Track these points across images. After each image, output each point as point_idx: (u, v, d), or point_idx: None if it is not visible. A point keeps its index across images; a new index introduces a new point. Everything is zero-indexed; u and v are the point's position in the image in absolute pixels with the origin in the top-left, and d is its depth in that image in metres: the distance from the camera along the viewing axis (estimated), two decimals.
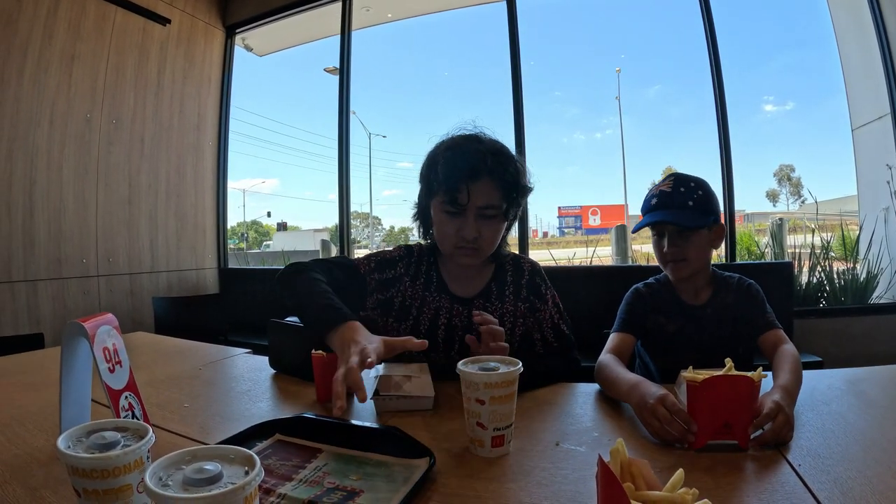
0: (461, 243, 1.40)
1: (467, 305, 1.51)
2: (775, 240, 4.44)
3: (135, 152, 4.13)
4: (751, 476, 0.89)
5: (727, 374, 0.98)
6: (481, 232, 1.39)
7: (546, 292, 1.56)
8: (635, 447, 1.01)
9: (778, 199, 17.13)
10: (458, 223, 1.39)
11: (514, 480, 0.88)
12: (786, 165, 16.42)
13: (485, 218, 1.39)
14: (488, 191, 1.37)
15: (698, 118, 5.11)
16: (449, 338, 1.50)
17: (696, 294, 1.62)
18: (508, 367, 1.00)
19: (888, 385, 1.38)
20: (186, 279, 4.55)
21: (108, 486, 0.66)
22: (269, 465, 0.91)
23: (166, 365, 1.71)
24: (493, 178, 1.37)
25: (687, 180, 1.57)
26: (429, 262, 1.57)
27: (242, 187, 14.34)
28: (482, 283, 1.55)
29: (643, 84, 27.34)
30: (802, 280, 4.02)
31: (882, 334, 3.65)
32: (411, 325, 1.51)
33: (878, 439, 1.01)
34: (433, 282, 1.54)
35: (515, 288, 1.55)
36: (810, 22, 5.10)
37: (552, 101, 27.83)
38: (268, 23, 4.95)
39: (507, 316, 1.52)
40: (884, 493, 0.79)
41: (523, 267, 1.58)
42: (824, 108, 17.50)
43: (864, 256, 4.01)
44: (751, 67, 19.50)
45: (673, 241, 1.55)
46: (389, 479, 0.87)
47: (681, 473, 0.63)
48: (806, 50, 18.60)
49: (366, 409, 1.25)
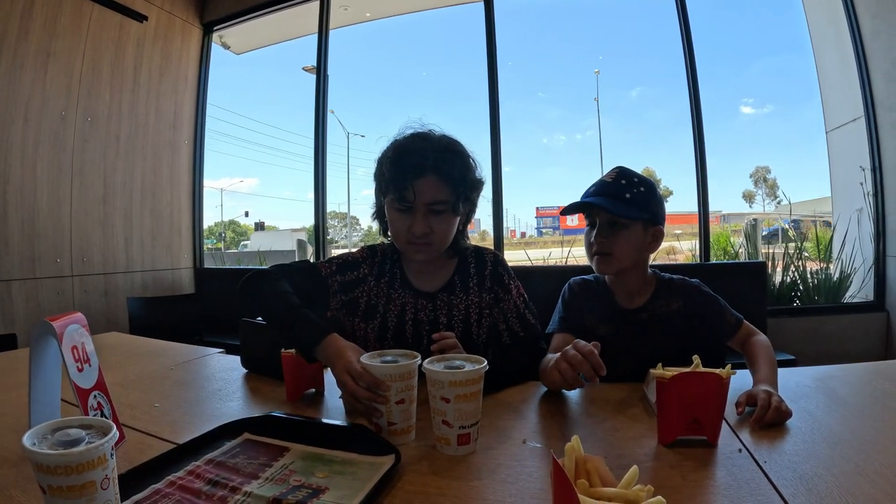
0: (413, 239, 1.42)
1: (432, 300, 1.53)
2: (749, 240, 4.50)
3: (110, 150, 4.07)
4: (717, 473, 0.90)
5: (696, 371, 0.99)
6: (432, 227, 1.41)
7: (510, 283, 1.57)
8: (602, 445, 1.02)
9: (754, 200, 17.35)
10: (409, 220, 1.40)
11: (479, 478, 0.89)
12: (762, 167, 16.64)
13: (434, 213, 1.40)
14: (435, 187, 1.38)
15: (678, 120, 5.20)
16: (417, 333, 1.51)
17: (630, 297, 1.56)
18: (474, 365, 1.00)
19: (858, 383, 1.40)
20: (162, 279, 4.50)
21: (71, 483, 0.66)
22: (235, 464, 0.92)
23: (138, 365, 1.70)
24: (438, 175, 1.38)
25: (631, 175, 1.51)
26: (392, 259, 1.58)
27: (221, 186, 14.20)
28: (445, 276, 1.56)
29: (624, 86, 27.52)
30: (776, 280, 4.09)
31: (855, 333, 3.72)
32: (379, 322, 1.52)
33: (845, 436, 1.02)
34: (397, 279, 1.56)
35: (479, 279, 1.56)
36: (789, 27, 5.19)
37: (535, 102, 27.93)
38: (245, 20, 4.92)
39: (473, 307, 1.53)
40: (849, 490, 0.80)
41: (486, 258, 1.59)
42: (801, 112, 17.80)
43: (837, 256, 4.07)
44: (731, 71, 19.75)
45: (602, 233, 1.48)
46: (354, 477, 0.87)
47: (635, 470, 0.64)
48: (785, 54, 18.87)
49: (336, 409, 1.26)
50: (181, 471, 0.88)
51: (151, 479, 0.85)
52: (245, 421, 1.07)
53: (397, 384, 1.02)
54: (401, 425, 1.04)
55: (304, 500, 0.79)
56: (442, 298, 1.53)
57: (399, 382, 1.02)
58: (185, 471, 0.88)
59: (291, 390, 1.32)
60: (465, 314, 1.52)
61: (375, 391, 1.02)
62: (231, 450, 0.98)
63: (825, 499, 0.78)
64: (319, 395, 1.37)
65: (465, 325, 1.52)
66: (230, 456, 0.95)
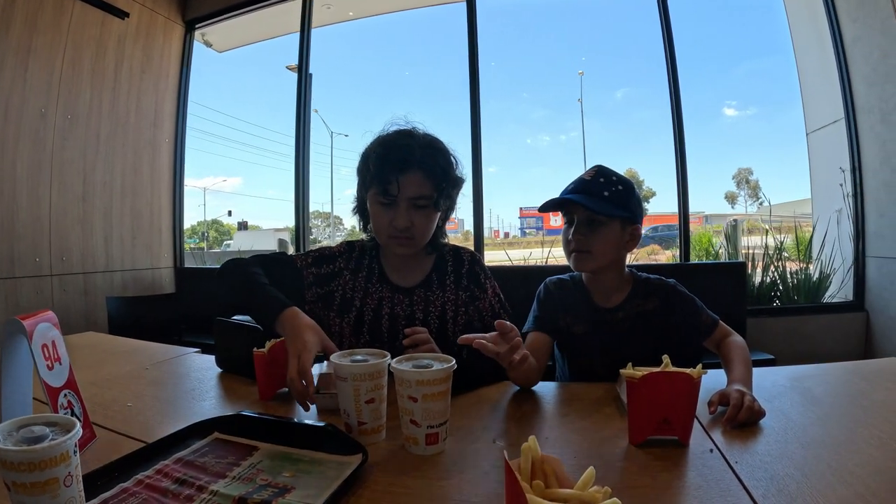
0: (395, 233, 1.44)
1: (409, 295, 1.55)
2: (729, 241, 4.54)
3: (90, 149, 4.02)
4: (688, 473, 0.90)
5: (666, 371, 0.99)
6: (414, 221, 1.43)
7: (485, 282, 1.59)
8: (573, 445, 1.03)
9: (736, 201, 17.48)
10: (392, 214, 1.43)
11: (446, 478, 0.89)
12: (744, 168, 16.78)
13: (417, 208, 1.43)
14: (418, 182, 1.42)
15: (662, 122, 5.20)
16: (393, 327, 1.53)
17: (607, 296, 1.55)
18: (441, 364, 1.00)
19: (834, 383, 1.41)
20: (141, 278, 4.45)
21: (34, 479, 0.66)
22: (204, 463, 0.91)
23: (113, 364, 1.68)
24: (422, 170, 1.42)
25: (610, 174, 1.51)
26: (371, 255, 1.61)
27: (204, 185, 14.09)
28: (423, 273, 1.59)
29: (609, 87, 27.60)
30: (756, 280, 4.12)
31: (834, 333, 3.77)
32: (355, 316, 1.54)
33: (818, 436, 1.03)
34: (375, 273, 1.58)
35: (456, 277, 1.58)
36: (772, 31, 5.22)
37: (520, 102, 27.96)
38: (228, 18, 4.89)
39: (449, 304, 1.56)
40: (820, 491, 0.80)
41: (463, 257, 1.62)
42: (783, 114, 17.96)
43: (817, 257, 4.11)
44: (715, 74, 19.86)
45: (579, 230, 1.48)
46: (322, 476, 0.87)
47: (591, 471, 0.64)
48: (768, 58, 19.00)
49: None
50: (150, 470, 0.87)
51: (120, 477, 0.84)
52: (215, 420, 1.06)
53: (366, 383, 1.02)
54: (371, 425, 1.04)
55: (269, 498, 0.79)
56: (419, 294, 1.55)
57: (368, 382, 1.02)
58: (153, 470, 0.87)
59: (264, 389, 1.32)
60: (442, 311, 1.55)
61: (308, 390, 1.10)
62: (200, 449, 0.97)
63: (796, 499, 0.78)
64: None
65: (440, 322, 1.54)
66: (199, 455, 0.94)
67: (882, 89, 3.56)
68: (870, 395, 1.27)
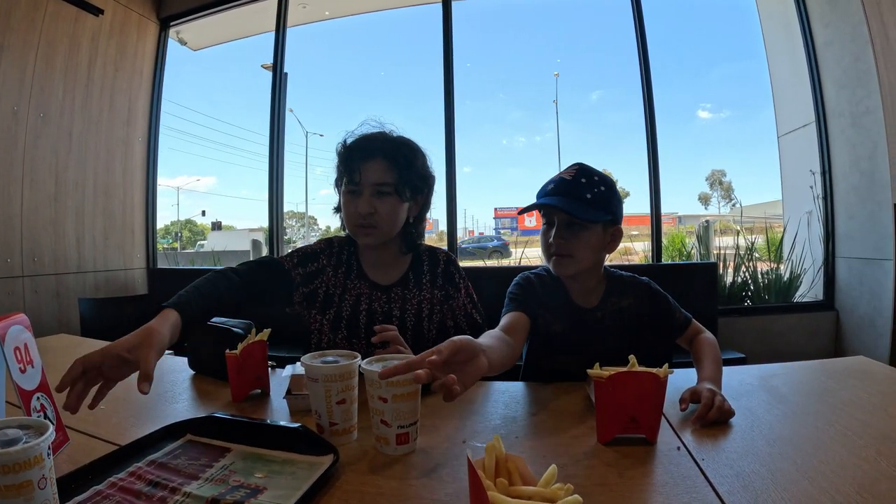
0: (359, 220, 1.50)
1: (387, 292, 1.59)
2: (701, 241, 4.60)
3: (62, 147, 3.95)
4: (654, 470, 0.91)
5: (632, 371, 1.00)
6: (377, 208, 1.49)
7: (459, 282, 1.63)
8: (542, 444, 1.04)
9: (710, 202, 17.74)
10: (357, 201, 1.49)
11: (416, 477, 0.89)
12: (717, 170, 17.04)
13: (380, 195, 1.49)
14: (381, 169, 1.49)
15: (637, 123, 5.22)
16: (370, 323, 1.53)
17: (586, 295, 1.52)
18: None
19: (801, 381, 1.43)
20: (114, 279, 4.39)
21: (8, 482, 0.66)
22: (177, 465, 0.91)
23: None
24: (385, 158, 1.49)
25: (591, 173, 1.45)
26: (349, 251, 1.64)
27: (177, 185, 13.91)
28: (400, 271, 1.63)
29: (585, 89, 27.80)
30: (728, 280, 4.19)
31: (805, 332, 3.84)
32: (334, 312, 1.57)
33: (784, 434, 1.04)
34: (353, 269, 1.62)
35: (431, 276, 1.63)
36: (746, 36, 5.29)
37: (496, 103, 28.02)
38: (203, 16, 4.84)
39: (425, 303, 1.60)
40: (785, 487, 0.82)
41: (439, 257, 1.66)
42: (756, 117, 18.23)
43: (787, 257, 4.19)
44: (690, 77, 20.09)
45: (560, 234, 1.42)
46: (293, 477, 0.87)
47: (553, 469, 0.65)
48: (742, 62, 19.28)
49: (280, 409, 1.26)
50: (123, 472, 0.87)
51: (94, 480, 0.84)
52: (188, 422, 1.06)
53: (337, 384, 1.02)
54: (342, 425, 1.04)
55: (241, 499, 0.79)
56: (396, 292, 1.59)
57: (339, 383, 1.03)
58: (126, 472, 0.88)
59: (236, 391, 1.31)
60: (418, 309, 1.59)
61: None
62: (173, 451, 0.97)
63: (760, 495, 0.79)
64: (265, 395, 1.36)
65: (416, 320, 1.58)
66: (172, 457, 0.95)
67: (853, 93, 3.63)
68: (836, 393, 1.29)
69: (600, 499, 0.80)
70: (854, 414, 1.13)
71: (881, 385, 1.33)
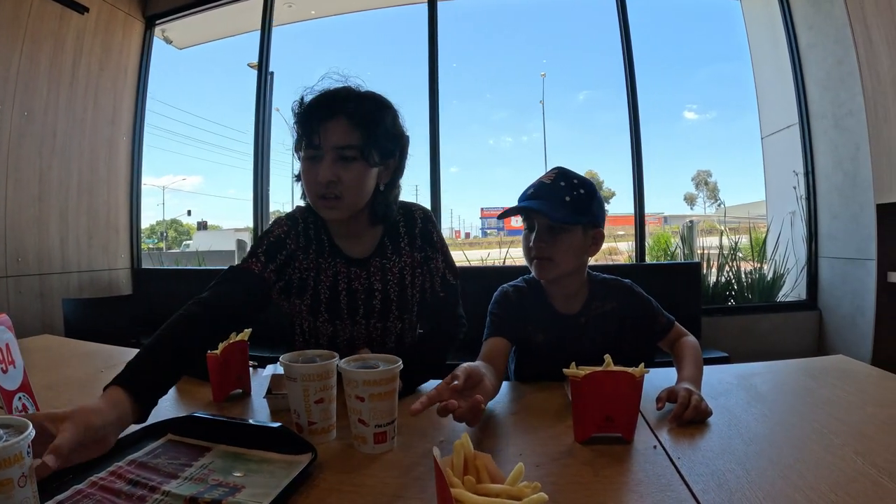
0: (321, 190, 1.31)
1: (365, 266, 1.47)
2: (685, 241, 4.64)
3: (46, 147, 3.92)
4: (630, 469, 0.91)
5: (608, 370, 1.01)
6: (341, 176, 1.30)
7: (437, 240, 1.54)
8: (520, 443, 1.04)
9: (695, 202, 17.88)
10: (317, 168, 1.31)
11: (394, 476, 0.90)
12: (703, 171, 17.20)
13: (343, 160, 1.30)
14: (344, 129, 1.29)
15: (623, 124, 5.22)
16: (352, 303, 1.46)
17: (568, 301, 1.51)
18: (388, 364, 1.02)
19: (780, 380, 1.44)
20: (98, 280, 4.36)
21: None
22: (157, 465, 0.91)
23: (68, 368, 1.66)
24: (349, 117, 1.30)
25: (571, 176, 1.44)
26: (316, 225, 1.48)
27: (163, 184, 13.83)
28: (374, 240, 1.50)
29: (572, 89, 27.96)
30: (711, 279, 4.22)
31: (788, 331, 3.88)
32: (311, 296, 1.46)
33: (762, 432, 1.05)
34: (325, 247, 1.47)
35: (410, 239, 1.52)
36: (732, 37, 5.36)
37: (483, 103, 28.11)
38: (188, 15, 4.82)
39: (407, 269, 1.50)
40: (760, 485, 0.82)
41: (415, 215, 1.53)
42: (741, 118, 18.44)
43: (771, 257, 4.23)
44: (677, 78, 20.24)
45: (541, 237, 1.41)
46: (271, 475, 0.88)
47: (520, 467, 0.65)
48: (728, 63, 19.44)
49: (261, 409, 1.26)
50: (104, 471, 0.87)
51: (75, 479, 0.84)
52: (168, 422, 1.06)
53: (315, 384, 1.03)
54: (321, 424, 1.04)
55: (219, 498, 0.80)
56: (375, 264, 1.48)
57: (317, 382, 1.03)
58: (107, 471, 0.88)
59: (217, 391, 1.31)
60: (400, 277, 1.50)
61: None
62: (153, 450, 0.97)
63: (735, 493, 0.80)
64: (246, 395, 1.37)
65: (400, 289, 1.49)
66: (152, 456, 0.95)
67: (836, 95, 3.67)
68: (815, 391, 1.29)
69: (575, 497, 0.81)
70: (832, 412, 1.14)
71: (860, 384, 1.34)
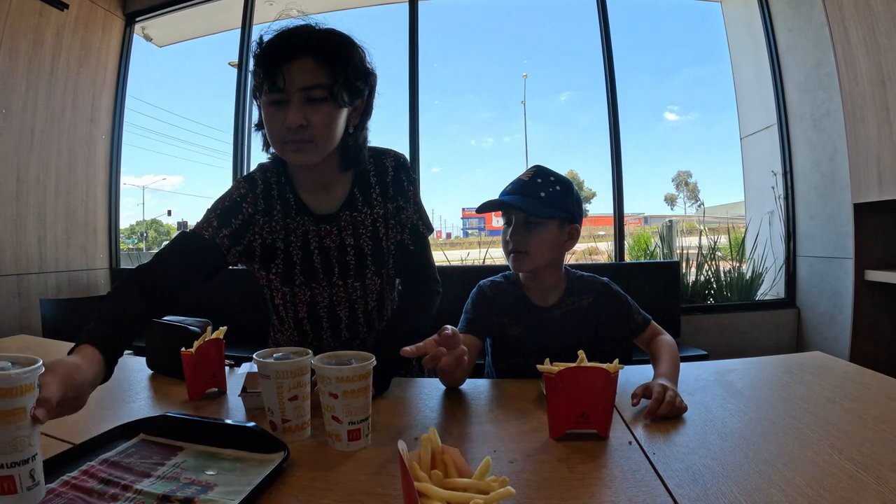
0: (289, 136, 1.24)
1: (335, 221, 1.41)
2: (664, 241, 4.68)
3: (24, 145, 3.86)
4: (604, 464, 0.92)
5: (582, 366, 1.01)
6: (310, 119, 1.22)
7: (409, 188, 1.47)
8: (494, 440, 1.04)
9: (676, 202, 18.03)
10: (284, 112, 1.22)
11: (367, 473, 0.90)
12: (683, 171, 17.34)
13: (311, 102, 1.22)
14: (310, 69, 1.21)
15: (605, 125, 5.26)
16: (326, 263, 1.41)
17: (544, 294, 1.55)
18: (361, 361, 1.01)
19: (757, 376, 1.45)
20: (77, 280, 4.30)
21: (5, 407, 0.69)
22: (129, 464, 0.91)
23: None
24: (313, 56, 1.22)
25: (547, 174, 1.50)
26: (280, 183, 1.41)
27: (143, 184, 13.66)
28: (343, 191, 1.43)
29: (554, 90, 28.05)
30: (691, 278, 4.26)
31: (766, 329, 3.93)
32: (283, 260, 1.40)
33: (737, 428, 1.06)
34: (291, 205, 1.40)
35: (382, 189, 1.44)
36: (713, 39, 5.37)
37: (465, 104, 28.14)
38: (169, 12, 4.77)
39: (379, 221, 1.44)
40: (735, 480, 0.83)
41: (385, 163, 1.46)
42: (721, 119, 18.63)
43: (749, 256, 4.28)
44: (658, 79, 20.38)
45: (517, 231, 1.47)
46: (244, 473, 0.88)
47: (488, 461, 0.65)
48: (710, 65, 19.62)
49: (236, 408, 1.25)
50: (76, 471, 0.87)
51: (47, 479, 0.83)
52: (141, 421, 1.05)
53: (289, 381, 1.02)
54: (295, 422, 1.04)
55: (192, 496, 0.79)
56: (345, 218, 1.41)
57: (291, 379, 1.02)
58: (79, 471, 0.87)
59: (192, 390, 1.30)
60: (373, 229, 1.43)
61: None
62: (126, 450, 0.97)
63: (710, 489, 0.80)
64: (222, 393, 1.35)
65: (374, 242, 1.43)
66: (125, 456, 0.94)
67: (814, 96, 3.72)
68: (791, 387, 1.31)
69: (549, 493, 0.81)
70: (809, 408, 1.14)
71: (836, 380, 1.35)
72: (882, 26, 2.71)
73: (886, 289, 2.99)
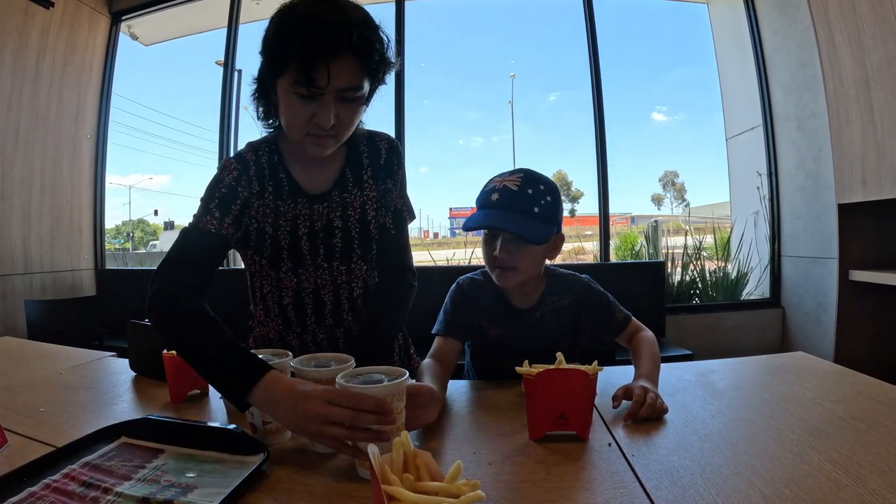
0: (315, 130, 1.17)
1: (325, 201, 1.34)
2: (650, 241, 4.70)
3: (8, 144, 3.84)
4: (583, 466, 0.92)
5: (560, 368, 1.02)
6: (340, 117, 1.17)
7: (398, 172, 1.43)
8: (473, 442, 1.05)
9: (662, 202, 18.11)
10: (314, 108, 1.14)
11: (346, 475, 0.90)
12: (670, 171, 17.42)
13: (345, 101, 1.16)
14: (351, 70, 1.12)
15: (592, 125, 5.29)
16: (313, 245, 1.34)
17: (524, 296, 1.49)
18: (340, 363, 1.02)
19: (738, 377, 1.46)
20: (62, 281, 4.27)
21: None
22: (110, 467, 0.91)
23: (28, 369, 1.63)
24: (357, 56, 1.12)
25: (537, 181, 1.38)
26: (271, 163, 1.34)
27: (130, 183, 13.61)
28: (335, 170, 1.37)
29: (542, 90, 28.06)
30: (676, 278, 4.29)
31: (751, 328, 3.96)
32: (270, 246, 1.33)
33: (717, 429, 1.06)
34: (283, 185, 1.33)
35: (374, 171, 1.40)
36: (700, 41, 5.39)
37: (455, 103, 28.13)
38: (155, 11, 4.75)
39: (369, 203, 1.38)
40: (714, 482, 0.83)
41: (379, 146, 1.41)
42: (707, 120, 18.75)
43: (735, 256, 4.31)
44: (647, 80, 20.47)
45: (506, 247, 1.36)
46: (224, 475, 0.88)
47: (458, 465, 0.66)
48: (697, 66, 19.71)
49: (218, 410, 1.26)
50: (57, 474, 0.87)
51: (28, 482, 0.84)
52: (123, 424, 1.06)
53: None
54: (275, 424, 1.03)
55: (172, 498, 0.80)
56: (335, 198, 1.35)
57: None
58: (60, 474, 0.87)
59: (175, 392, 1.30)
60: (362, 212, 1.37)
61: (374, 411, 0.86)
62: (107, 453, 0.97)
63: (688, 490, 0.81)
64: (203, 395, 1.35)
65: (362, 225, 1.37)
66: (106, 458, 0.95)
67: (799, 97, 3.76)
68: (773, 388, 1.31)
69: (527, 495, 0.81)
70: (789, 409, 1.15)
71: (818, 380, 1.35)
72: (867, 28, 2.73)
73: (870, 289, 3.02)
